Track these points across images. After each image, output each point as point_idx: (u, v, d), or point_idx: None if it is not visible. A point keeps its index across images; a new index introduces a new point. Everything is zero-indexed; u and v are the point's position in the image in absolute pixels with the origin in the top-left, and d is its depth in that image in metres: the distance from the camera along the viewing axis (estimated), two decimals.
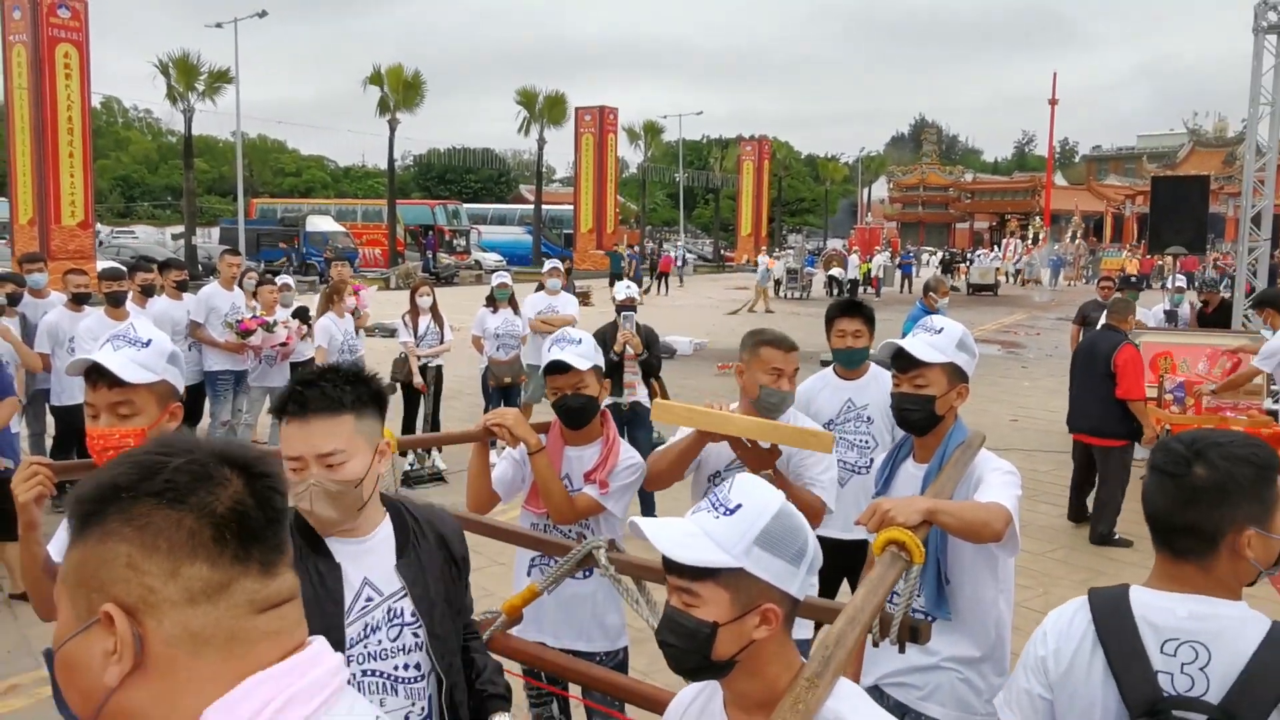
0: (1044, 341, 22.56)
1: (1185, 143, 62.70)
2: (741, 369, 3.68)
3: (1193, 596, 1.84)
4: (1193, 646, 1.80)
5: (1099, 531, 7.91)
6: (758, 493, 1.65)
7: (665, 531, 1.62)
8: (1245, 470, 1.81)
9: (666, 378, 13.94)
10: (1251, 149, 10.72)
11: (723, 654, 1.59)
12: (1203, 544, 1.83)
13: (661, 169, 64.19)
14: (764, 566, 1.59)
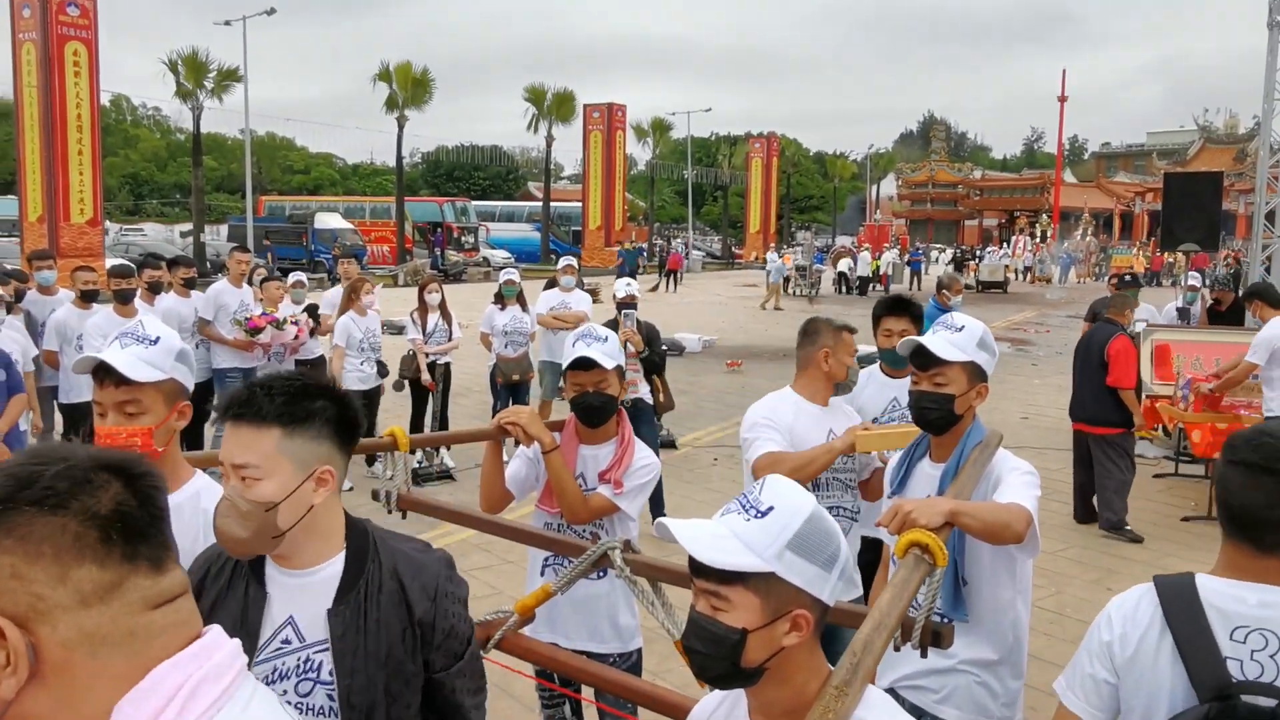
0: (1054, 339, 22.47)
1: (1196, 140, 62.49)
2: (828, 354, 3.84)
3: (1264, 586, 1.85)
4: (1263, 634, 1.81)
5: (1108, 519, 8.00)
6: (790, 495, 1.61)
7: (695, 533, 1.57)
8: None
9: (675, 375, 13.92)
10: (1266, 145, 10.66)
11: (752, 661, 1.55)
12: None
13: (670, 166, 64.11)
14: (796, 571, 1.56)
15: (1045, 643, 5.85)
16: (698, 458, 10.39)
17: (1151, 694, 1.91)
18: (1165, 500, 9.08)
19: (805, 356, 3.92)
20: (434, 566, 2.04)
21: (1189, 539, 7.90)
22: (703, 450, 10.74)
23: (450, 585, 2.05)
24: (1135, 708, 1.94)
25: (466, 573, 7.51)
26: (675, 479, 9.35)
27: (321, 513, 1.93)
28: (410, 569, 2.00)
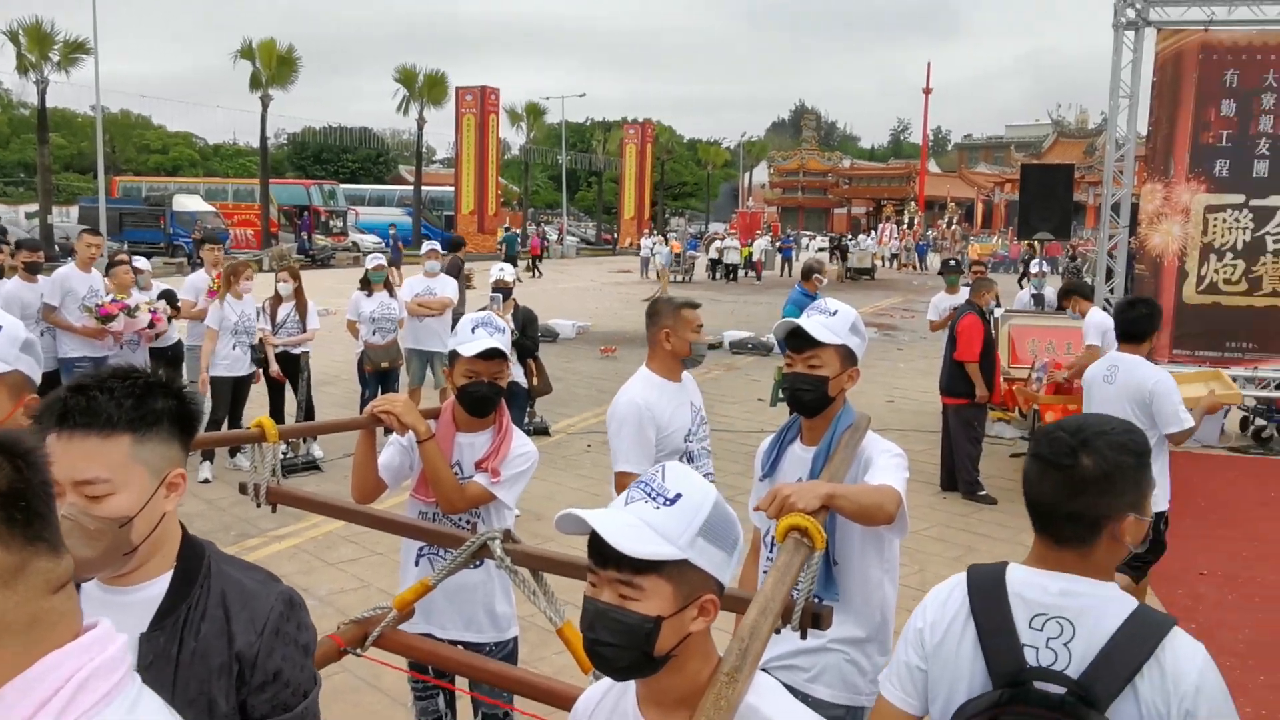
0: (918, 324, 23.18)
1: (1050, 133, 65.27)
2: (668, 334, 3.99)
3: (1067, 575, 1.87)
4: (1059, 622, 1.83)
5: (964, 483, 8.66)
6: (695, 482, 1.61)
7: (609, 523, 1.54)
8: (1128, 459, 1.85)
9: (549, 362, 13.85)
10: (1112, 140, 11.17)
11: (663, 649, 1.54)
12: (1085, 531, 1.86)
13: (545, 151, 63.81)
14: (707, 557, 1.56)
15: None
16: (570, 444, 10.38)
17: (953, 680, 1.92)
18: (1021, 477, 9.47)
19: (651, 337, 4.09)
20: (269, 600, 1.80)
21: None
22: (576, 436, 10.74)
23: (286, 625, 1.80)
24: (940, 694, 1.95)
25: (334, 566, 7.35)
26: (548, 465, 9.31)
27: (166, 522, 1.76)
28: (240, 598, 1.78)
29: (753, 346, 17.41)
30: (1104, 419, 1.95)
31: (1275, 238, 10.67)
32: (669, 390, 4.00)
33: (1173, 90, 10.77)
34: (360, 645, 2.62)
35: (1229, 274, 10.79)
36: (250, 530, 7.35)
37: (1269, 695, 5.20)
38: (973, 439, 8.73)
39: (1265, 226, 10.67)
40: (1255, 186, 10.66)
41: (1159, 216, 10.88)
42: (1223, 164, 10.72)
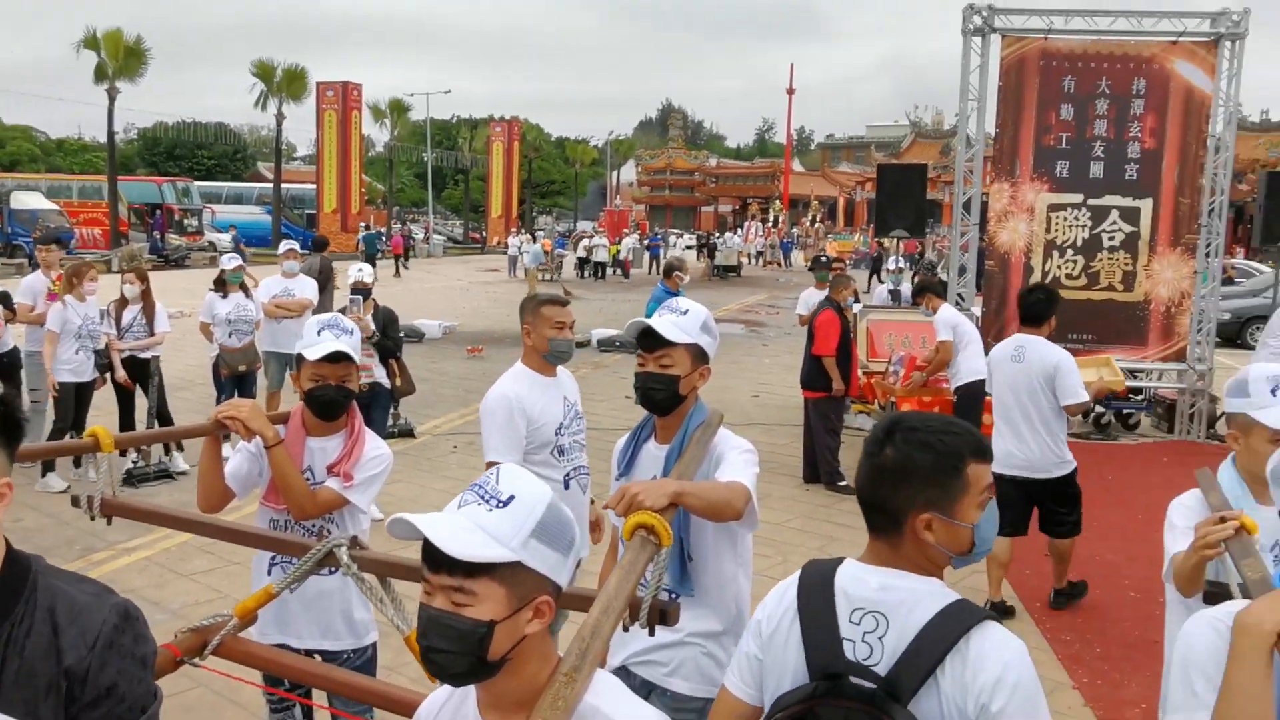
0: (783, 320, 23.68)
1: (908, 134, 67.39)
2: (529, 330, 4.10)
3: (887, 569, 1.89)
4: (875, 616, 1.84)
5: (825, 473, 8.93)
6: (529, 483, 1.60)
7: (438, 527, 1.52)
8: (925, 455, 1.85)
9: (414, 363, 13.61)
10: (963, 140, 11.60)
11: (497, 653, 1.53)
12: (888, 522, 1.89)
13: (409, 149, 62.71)
14: (541, 559, 1.55)
15: None
16: (436, 445, 10.25)
17: (780, 671, 1.94)
18: None
19: (521, 334, 4.22)
20: (101, 612, 1.68)
21: None
22: (442, 438, 10.61)
23: (121, 637, 1.68)
24: (769, 685, 1.97)
25: (188, 577, 7.08)
26: (413, 468, 9.20)
27: None
28: (70, 612, 1.66)
29: (620, 344, 17.49)
30: (931, 418, 1.95)
31: (1111, 235, 11.26)
32: (541, 384, 4.11)
33: (1017, 95, 11.25)
34: (199, 654, 2.54)
35: (1070, 269, 11.34)
36: (96, 544, 7.01)
37: (1103, 665, 5.50)
38: (831, 431, 8.98)
39: (1101, 224, 11.25)
40: (1092, 187, 11.22)
41: (1006, 215, 11.36)
42: (1063, 165, 11.26)
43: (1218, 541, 2.36)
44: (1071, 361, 6.00)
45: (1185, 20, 11.13)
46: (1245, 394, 2.87)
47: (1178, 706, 1.91)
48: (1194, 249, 11.28)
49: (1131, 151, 11.16)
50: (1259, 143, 49.84)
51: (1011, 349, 6.19)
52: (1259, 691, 1.74)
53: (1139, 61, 11.08)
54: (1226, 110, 11.28)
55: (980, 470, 1.88)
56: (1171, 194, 11.20)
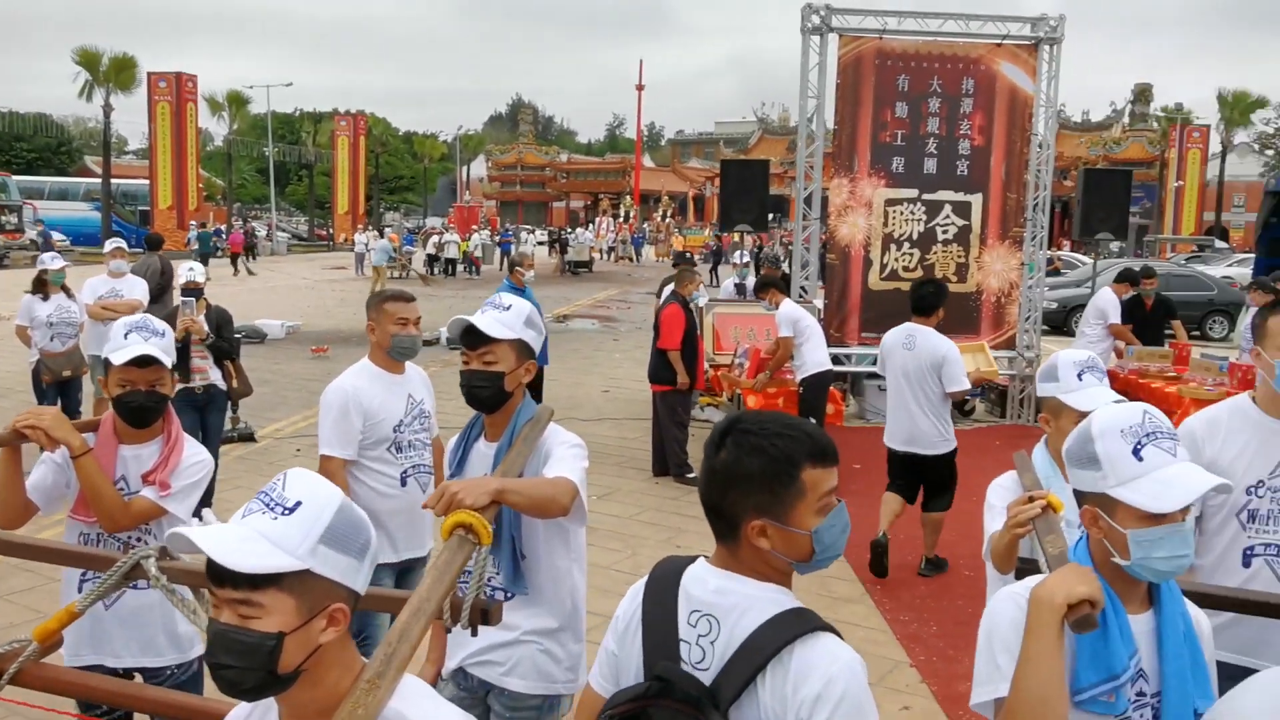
0: (634, 314, 23.85)
1: (756, 130, 68.79)
2: (372, 327, 4.14)
3: (726, 572, 1.83)
4: (709, 619, 1.79)
5: (674, 465, 9.04)
6: (317, 487, 1.54)
7: (219, 540, 1.45)
8: (755, 460, 1.77)
9: (255, 364, 13.11)
10: (803, 137, 11.87)
11: (289, 665, 1.47)
12: (725, 527, 1.83)
13: (250, 143, 60.46)
14: (331, 565, 1.50)
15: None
16: (279, 449, 9.92)
17: (627, 668, 1.91)
18: None
19: (366, 331, 4.24)
20: None
21: None
22: (285, 441, 10.27)
23: None
24: (620, 682, 1.93)
25: (4, 598, 6.64)
26: (254, 473, 8.87)
27: None
28: None
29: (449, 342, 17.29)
30: (770, 419, 1.86)
31: (944, 229, 11.71)
32: (384, 380, 4.15)
33: (854, 92, 11.58)
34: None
35: (907, 262, 11.74)
36: None
37: (939, 642, 5.70)
38: (679, 424, 9.07)
39: (935, 219, 11.68)
40: (926, 182, 11.65)
41: (846, 209, 11.68)
42: (898, 161, 11.64)
43: (1027, 520, 2.46)
44: (957, 352, 6.61)
45: (1008, 24, 11.66)
46: (1055, 379, 3.02)
47: (983, 679, 1.98)
48: (1021, 242, 11.85)
49: (962, 148, 11.63)
50: (1080, 141, 52.84)
51: (903, 337, 6.74)
52: (1051, 660, 1.82)
53: (967, 62, 11.56)
54: (1047, 110, 11.88)
55: (819, 475, 1.78)
56: (1000, 189, 11.73)
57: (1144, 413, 2.02)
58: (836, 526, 1.80)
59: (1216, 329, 21.78)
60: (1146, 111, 57.66)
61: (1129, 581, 1.98)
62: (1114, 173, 14.05)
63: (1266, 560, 3.08)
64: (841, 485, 1.87)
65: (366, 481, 4.10)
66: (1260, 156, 59.29)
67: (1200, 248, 37.47)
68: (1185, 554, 1.93)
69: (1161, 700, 1.94)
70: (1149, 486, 1.93)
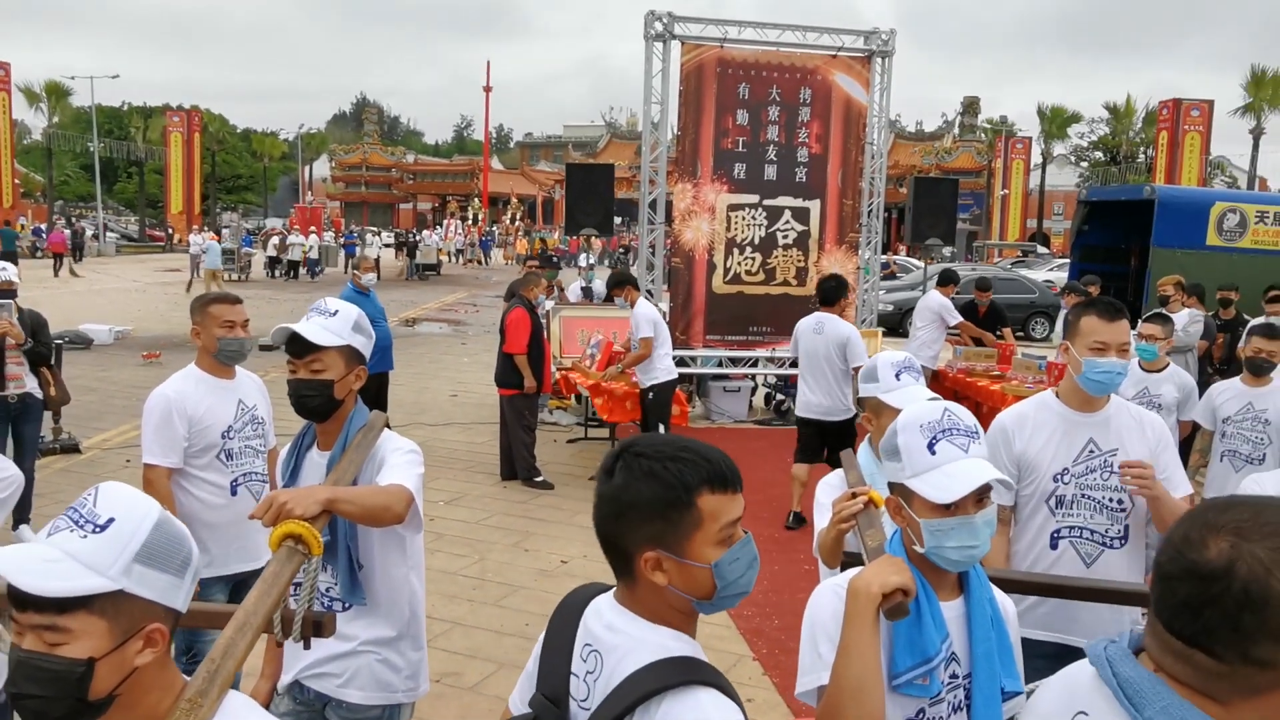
0: (483, 318, 23.66)
1: (604, 134, 69.12)
2: (197, 332, 4.06)
3: (621, 609, 1.71)
4: (596, 654, 1.70)
5: (522, 469, 9.06)
6: (132, 502, 1.48)
7: (18, 561, 1.36)
8: (646, 485, 1.62)
9: (80, 371, 12.51)
10: (647, 143, 12.01)
11: (101, 691, 1.40)
12: (617, 558, 1.69)
13: (74, 137, 57.28)
14: (148, 584, 1.43)
15: (468, 609, 6.14)
16: (106, 460, 9.45)
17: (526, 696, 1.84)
18: (577, 462, 9.97)
19: (191, 335, 4.17)
20: None
21: None
22: (113, 452, 9.78)
23: None
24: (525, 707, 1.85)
25: None
26: (79, 487, 8.42)
27: None
28: None
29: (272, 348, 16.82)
30: (664, 443, 1.68)
31: (785, 234, 12.04)
32: (210, 385, 4.05)
33: (696, 99, 11.79)
34: None
35: (749, 266, 12.02)
36: None
37: (781, 635, 5.87)
38: (526, 427, 9.06)
39: (776, 224, 12.00)
40: (767, 188, 11.95)
41: (690, 214, 11.88)
42: (740, 167, 11.91)
43: (850, 515, 2.56)
44: (858, 334, 7.99)
45: (843, 36, 12.08)
46: (875, 379, 3.16)
47: (806, 669, 2.06)
48: (857, 246, 12.28)
49: (800, 156, 11.98)
50: (915, 150, 55.07)
51: (814, 323, 7.93)
52: (868, 648, 1.90)
53: (805, 72, 11.92)
54: (880, 120, 12.35)
55: (718, 502, 1.62)
56: (836, 196, 12.13)
57: (945, 410, 2.13)
58: (741, 561, 1.65)
59: (1038, 329, 23.06)
60: (975, 123, 60.55)
61: (940, 570, 2.09)
62: (942, 181, 14.72)
63: (1071, 542, 3.33)
64: None
65: (194, 491, 3.97)
66: (1076, 168, 63.00)
67: (1024, 253, 39.65)
68: (974, 544, 2.04)
69: (971, 681, 2.06)
70: (936, 479, 2.04)
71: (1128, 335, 3.30)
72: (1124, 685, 1.35)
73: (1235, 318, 10.35)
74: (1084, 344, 3.26)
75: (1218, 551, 1.25)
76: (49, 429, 9.36)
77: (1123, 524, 3.30)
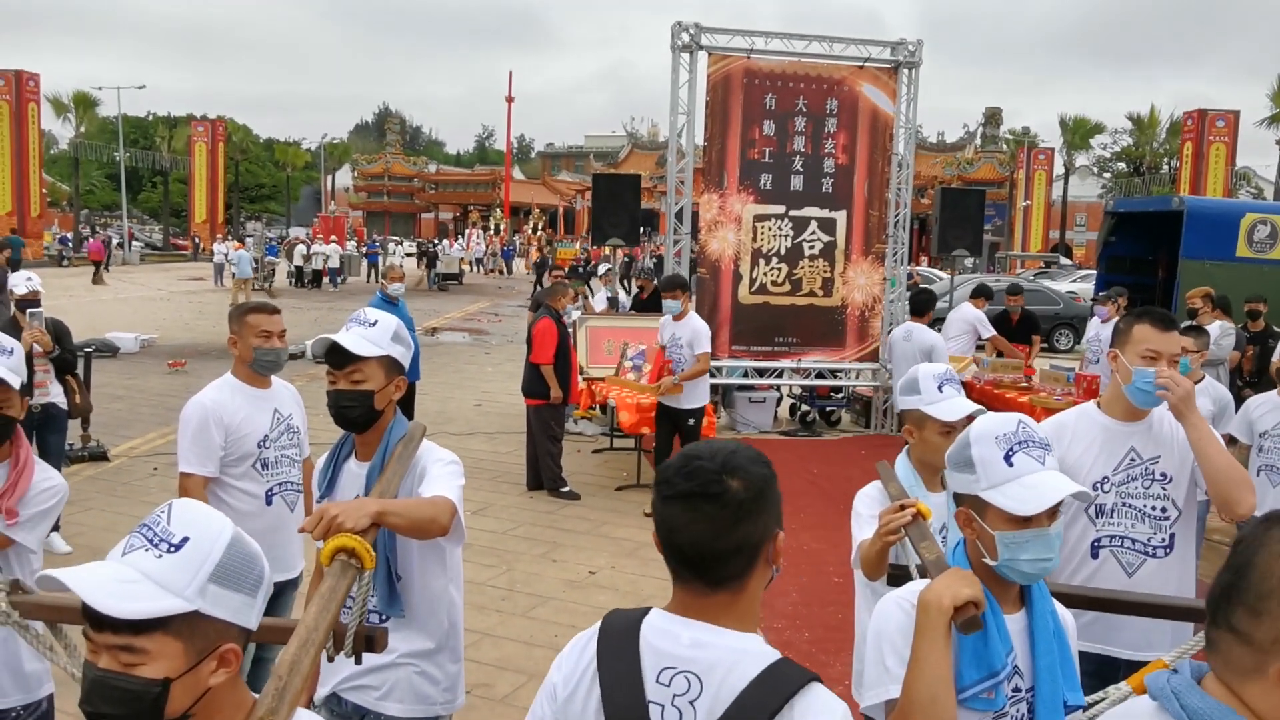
0: (506, 327, 23.68)
1: (625, 144, 69.26)
2: (235, 341, 4.05)
3: (699, 623, 1.64)
4: (686, 677, 1.61)
5: (549, 479, 9.01)
6: (206, 520, 1.46)
7: (95, 581, 1.34)
8: (767, 470, 1.68)
9: (108, 379, 12.60)
10: (673, 152, 12.01)
11: (175, 711, 1.39)
12: (747, 561, 1.65)
13: (99, 147, 57.81)
14: (222, 604, 1.42)
15: (497, 620, 6.12)
16: (134, 469, 9.48)
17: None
18: (603, 472, 9.95)
19: (228, 344, 4.14)
20: None
21: (623, 506, 8.75)
22: (140, 460, 9.82)
23: None
24: None
25: None
26: (108, 494, 8.48)
27: None
28: None
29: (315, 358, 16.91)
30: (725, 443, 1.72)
31: (811, 244, 12.00)
32: (247, 394, 4.05)
33: (723, 110, 11.78)
34: None
35: (775, 276, 11.99)
36: None
37: (813, 649, 5.82)
38: (552, 438, 9.03)
39: (802, 234, 11.97)
40: (793, 199, 11.92)
41: (716, 224, 11.86)
42: (766, 178, 11.89)
43: (899, 528, 2.53)
44: (942, 343, 9.28)
45: (870, 47, 12.04)
46: (917, 392, 3.12)
47: (873, 682, 2.03)
48: (883, 257, 12.23)
49: (827, 166, 11.95)
50: (936, 161, 54.92)
51: (904, 332, 9.41)
52: (940, 661, 1.88)
53: (831, 83, 11.89)
54: (906, 131, 12.31)
55: None
56: (863, 206, 12.09)
57: (1019, 422, 2.12)
58: None
59: (1063, 341, 22.91)
60: (996, 134, 60.34)
61: (1003, 583, 2.07)
62: (969, 192, 14.64)
63: (1112, 551, 3.29)
64: None
65: (229, 500, 3.97)
66: (1099, 179, 62.68)
67: (1047, 264, 39.39)
68: (1049, 557, 2.03)
69: (1035, 694, 2.03)
70: (1016, 491, 2.02)
71: (1179, 346, 3.26)
72: (1193, 718, 1.32)
73: (1265, 330, 10.22)
74: (1135, 352, 3.22)
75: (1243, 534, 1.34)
76: (77, 436, 9.42)
77: (1167, 532, 3.26)
